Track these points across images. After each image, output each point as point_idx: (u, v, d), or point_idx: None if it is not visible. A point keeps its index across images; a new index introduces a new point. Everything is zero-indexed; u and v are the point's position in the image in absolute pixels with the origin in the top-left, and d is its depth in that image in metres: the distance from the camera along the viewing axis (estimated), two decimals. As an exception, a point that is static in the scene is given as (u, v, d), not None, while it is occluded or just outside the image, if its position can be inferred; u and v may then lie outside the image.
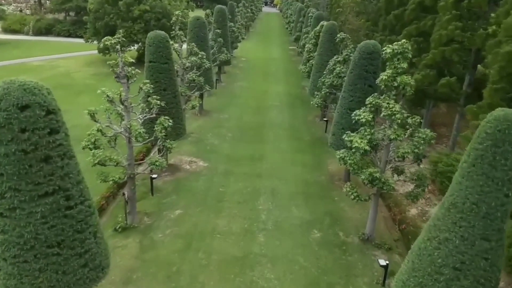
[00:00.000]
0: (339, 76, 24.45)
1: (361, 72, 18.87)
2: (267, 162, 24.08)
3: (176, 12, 24.90)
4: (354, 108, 19.16)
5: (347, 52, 24.49)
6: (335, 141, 20.43)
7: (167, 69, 19.48)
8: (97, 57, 48.23)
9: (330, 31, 29.72)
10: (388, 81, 14.02)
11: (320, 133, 29.87)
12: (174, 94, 20.09)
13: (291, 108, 35.46)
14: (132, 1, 42.06)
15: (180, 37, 25.18)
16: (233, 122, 30.90)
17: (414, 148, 13.92)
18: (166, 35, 19.25)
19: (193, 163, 23.49)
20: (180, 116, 20.78)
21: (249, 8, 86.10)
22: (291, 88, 42.83)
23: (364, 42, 18.84)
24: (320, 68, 30.43)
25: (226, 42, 40.52)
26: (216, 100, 36.37)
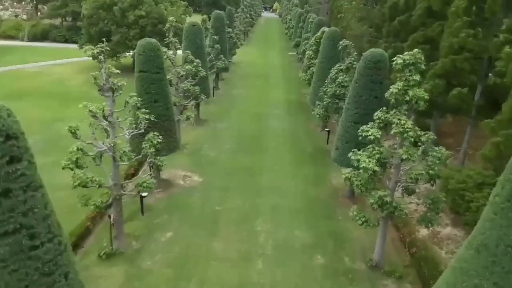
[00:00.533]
0: (342, 86, 23.17)
1: (366, 82, 17.58)
2: (267, 176, 22.71)
3: (170, 18, 23.65)
4: (359, 121, 17.92)
5: (350, 60, 23.23)
6: (339, 156, 19.10)
7: (159, 79, 18.17)
8: (92, 63, 46.90)
9: (332, 38, 28.51)
10: (399, 94, 12.70)
11: (322, 143, 28.54)
12: (167, 106, 18.77)
13: (291, 117, 34.16)
14: (127, 6, 40.88)
15: (174, 44, 23.92)
16: (231, 132, 29.57)
17: (429, 169, 12.58)
18: (157, 43, 17.97)
19: (188, 178, 22.11)
20: (173, 129, 19.45)
21: (248, 13, 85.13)
22: (291, 95, 41.56)
23: (370, 51, 17.56)
24: (321, 76, 29.18)
25: (224, 48, 39.32)
26: (213, 109, 35.06)
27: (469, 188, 17.82)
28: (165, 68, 23.47)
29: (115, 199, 14.57)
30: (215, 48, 35.40)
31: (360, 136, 14.06)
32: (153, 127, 18.12)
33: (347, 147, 18.55)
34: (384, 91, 18.25)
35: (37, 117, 30.19)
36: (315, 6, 69.41)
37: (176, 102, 23.65)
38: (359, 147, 18.16)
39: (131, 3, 41.03)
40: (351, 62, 23.23)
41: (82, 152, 12.95)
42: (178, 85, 24.34)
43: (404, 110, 12.94)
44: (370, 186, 13.45)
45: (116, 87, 13.84)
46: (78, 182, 12.82)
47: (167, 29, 23.63)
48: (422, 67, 12.69)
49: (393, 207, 12.71)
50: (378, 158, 13.06)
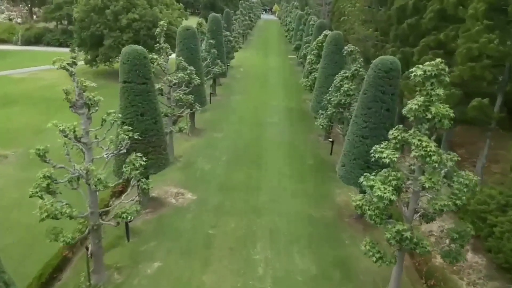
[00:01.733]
0: (348, 94, 21.37)
1: (376, 93, 15.76)
2: (265, 193, 20.86)
3: (161, 22, 21.87)
4: (368, 136, 16.15)
5: (356, 67, 21.43)
6: (345, 173, 17.26)
7: (146, 90, 16.35)
8: (84, 68, 45.22)
9: (335, 42, 26.72)
10: (419, 111, 10.88)
11: (325, 155, 26.71)
12: (155, 120, 16.93)
13: (292, 125, 32.33)
14: (120, 9, 39.15)
15: (166, 50, 22.13)
16: (228, 142, 27.74)
17: (456, 199, 10.75)
18: (144, 50, 16.16)
19: (180, 196, 20.26)
20: (162, 144, 17.61)
21: (247, 15, 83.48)
22: (291, 101, 39.77)
23: (380, 58, 15.76)
24: (324, 83, 27.38)
25: (221, 53, 37.54)
26: (209, 116, 33.26)
27: (491, 210, 16.02)
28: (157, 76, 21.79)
29: (93, 229, 12.73)
30: (212, 53, 33.61)
31: (373, 158, 12.21)
32: (140, 143, 16.38)
33: (355, 164, 16.77)
34: (396, 103, 16.54)
35: (24, 126, 28.45)
36: (316, 8, 67.71)
37: (168, 112, 21.85)
38: (368, 165, 16.52)
39: (124, 6, 39.31)
40: (357, 69, 21.44)
41: (51, 180, 11.12)
42: (170, 94, 22.54)
43: (425, 130, 11.11)
44: (386, 216, 11.62)
45: (92, 102, 12.01)
46: (46, 214, 10.98)
47: (158, 34, 21.84)
48: (447, 79, 10.87)
49: (413, 243, 10.87)
50: (395, 185, 11.22)
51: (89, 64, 43.16)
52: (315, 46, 32.58)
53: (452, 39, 19.52)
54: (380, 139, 16.08)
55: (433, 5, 21.05)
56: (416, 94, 11.29)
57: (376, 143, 16.05)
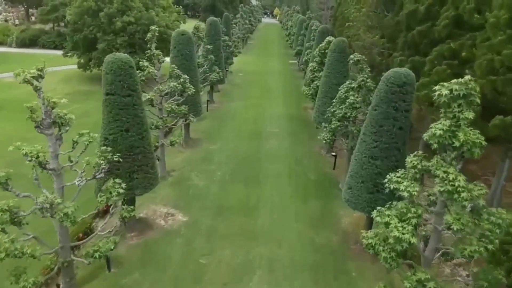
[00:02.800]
0: (353, 107, 19.71)
1: (388, 110, 14.10)
2: (264, 215, 19.13)
3: (152, 27, 20.25)
4: (379, 157, 14.47)
5: (363, 77, 19.79)
6: (352, 197, 15.56)
7: (131, 103, 14.67)
8: (77, 72, 43.68)
9: (340, 49, 25.10)
10: (445, 138, 9.21)
11: (328, 169, 25.03)
12: (141, 135, 15.25)
13: (293, 135, 30.64)
14: (115, 12, 37.55)
15: (158, 58, 20.50)
16: (224, 155, 26.03)
17: (487, 242, 9.06)
18: (129, 59, 14.50)
19: (170, 217, 18.56)
20: (150, 162, 15.91)
21: (247, 19, 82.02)
22: (292, 109, 38.10)
23: (393, 71, 14.10)
24: (327, 92, 25.75)
25: (219, 58, 35.92)
26: (206, 126, 31.59)
27: (515, 241, 14.31)
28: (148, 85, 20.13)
29: (63, 266, 11.01)
30: (209, 58, 31.98)
31: (388, 188, 10.51)
32: (124, 162, 14.71)
33: (363, 188, 15.08)
34: (410, 120, 14.87)
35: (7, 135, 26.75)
36: (317, 13, 66.17)
37: (159, 124, 20.19)
38: (377, 189, 14.84)
39: (118, 9, 37.71)
40: (364, 80, 19.79)
41: (11, 214, 9.42)
42: (162, 104, 20.88)
43: (452, 159, 9.44)
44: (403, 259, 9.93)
45: (63, 121, 10.33)
46: (4, 254, 9.27)
47: (149, 39, 20.22)
48: (477, 100, 9.20)
49: (437, 295, 9.17)
50: (414, 224, 9.53)
51: (82, 68, 41.53)
52: (318, 53, 30.97)
53: (468, 48, 17.87)
54: (391, 161, 14.55)
55: (447, 11, 19.41)
56: (440, 116, 9.62)
57: (388, 165, 14.53)
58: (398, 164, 14.55)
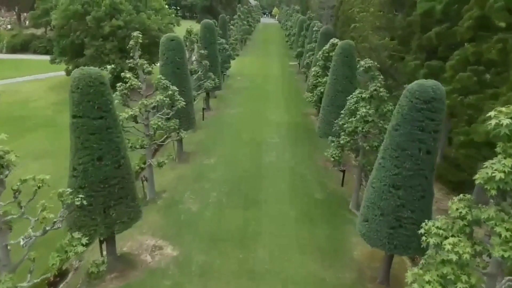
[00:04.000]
0: (366, 121, 17.30)
1: (413, 131, 11.69)
2: (265, 246, 16.71)
3: (134, 33, 17.88)
4: (401, 186, 12.08)
5: (375, 86, 17.38)
6: (369, 232, 13.15)
7: (104, 126, 12.29)
8: (66, 80, 41.28)
9: (346, 53, 22.70)
10: (507, 182, 6.82)
11: (335, 185, 22.66)
12: (118, 164, 12.86)
13: (295, 146, 28.24)
14: (103, 15, 35.19)
15: (142, 67, 18.13)
16: (221, 172, 23.61)
17: None
18: (100, 74, 12.10)
19: (157, 251, 16.17)
20: (129, 194, 13.52)
21: (245, 20, 79.61)
22: (293, 115, 35.69)
23: (418, 84, 11.68)
24: (333, 100, 23.37)
25: (215, 63, 33.53)
26: (201, 137, 29.21)
27: None
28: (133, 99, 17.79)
29: None
30: (203, 64, 29.58)
31: (423, 244, 8.11)
32: (98, 195, 12.36)
33: (382, 222, 12.67)
34: (439, 141, 12.46)
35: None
36: (318, 12, 63.75)
37: (144, 144, 17.81)
38: (401, 224, 12.44)
39: (107, 12, 35.36)
40: (376, 89, 17.38)
41: None
42: (148, 119, 18.50)
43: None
44: None
45: (2, 163, 7.94)
46: None
47: (131, 47, 17.85)
48: (551, 132, 6.79)
49: None
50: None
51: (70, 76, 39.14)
52: (321, 56, 28.61)
53: (499, 53, 15.46)
54: (416, 190, 12.13)
55: (471, 11, 16.99)
56: (498, 153, 7.22)
57: (412, 195, 12.12)
58: (424, 195, 12.18)
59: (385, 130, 17.75)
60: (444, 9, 19.21)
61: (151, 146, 19.27)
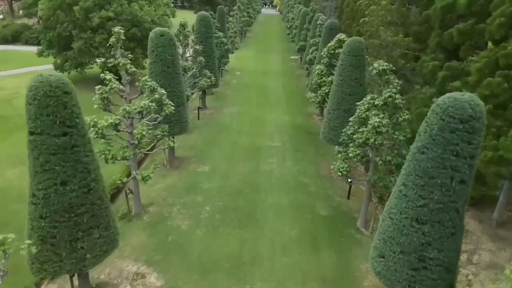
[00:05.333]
0: (378, 132, 15.14)
1: (445, 155, 9.54)
2: (263, 277, 14.62)
3: (115, 28, 15.62)
4: (428, 221, 10.02)
5: (390, 93, 15.20)
6: (386, 270, 11.08)
7: (68, 145, 10.15)
8: (54, 75, 38.98)
9: (355, 52, 20.42)
10: None
11: (340, 198, 20.64)
12: (87, 188, 10.76)
13: (297, 152, 26.09)
14: (91, 6, 32.76)
15: (125, 67, 15.91)
16: (215, 181, 21.51)
17: None
18: (63, 81, 9.92)
19: (140, 280, 14.16)
20: (102, 222, 11.43)
21: (245, 11, 76.81)
22: (295, 115, 33.48)
23: (451, 98, 9.48)
24: (339, 104, 21.15)
25: (212, 59, 31.23)
26: (195, 139, 27.08)
27: None
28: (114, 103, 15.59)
29: None
30: (198, 61, 27.29)
31: None
32: (62, 227, 10.30)
33: (402, 260, 10.62)
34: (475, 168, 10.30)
35: None
36: (321, 4, 60.93)
37: (126, 156, 15.69)
38: (425, 265, 10.36)
39: (96, 3, 32.94)
40: (391, 96, 15.20)
41: None
42: (132, 126, 16.36)
43: None
44: None
45: None
46: None
47: (112, 44, 15.62)
48: None
49: None
50: None
51: (59, 70, 36.83)
52: (326, 53, 26.32)
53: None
54: (446, 227, 10.06)
55: (502, 6, 14.73)
56: None
57: (441, 232, 10.04)
58: (455, 231, 10.11)
59: (401, 141, 15.69)
60: (468, 4, 16.92)
61: (137, 156, 17.16)
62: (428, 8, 20.27)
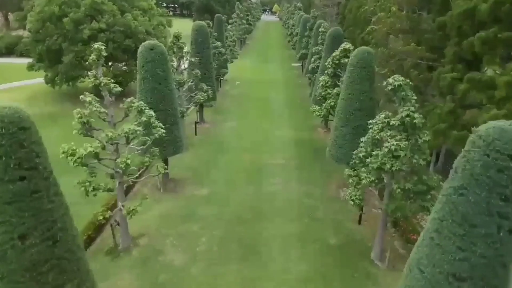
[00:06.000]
0: (396, 156, 13.29)
1: (491, 199, 7.67)
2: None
3: (96, 44, 13.87)
4: (467, 278, 8.13)
5: (408, 111, 13.36)
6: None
7: (26, 192, 8.34)
8: (45, 88, 37.39)
9: (364, 63, 18.65)
10: None
11: (351, 223, 18.74)
12: (53, 239, 8.90)
13: (302, 170, 24.22)
14: (82, 17, 31.20)
15: (109, 88, 14.15)
16: (213, 207, 19.65)
17: None
18: (19, 114, 8.12)
19: (125, 333, 12.26)
20: (76, 278, 9.55)
21: (244, 19, 75.43)
22: (299, 129, 31.68)
23: (497, 128, 7.64)
24: (348, 120, 19.36)
25: (209, 71, 29.54)
26: (192, 158, 25.28)
27: None
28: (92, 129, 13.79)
29: None
30: (194, 74, 25.57)
31: None
32: None
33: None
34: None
35: None
36: (322, 10, 59.52)
37: (109, 187, 13.87)
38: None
39: (87, 14, 31.37)
40: (409, 115, 13.37)
41: None
42: (117, 153, 14.55)
43: None
44: None
45: None
46: None
47: (92, 62, 13.88)
48: None
49: None
50: None
51: (50, 84, 35.20)
52: (331, 63, 24.56)
53: None
54: (490, 285, 8.14)
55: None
56: None
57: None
58: (502, 290, 8.22)
59: (420, 166, 13.84)
60: (491, 10, 15.14)
61: (123, 185, 15.35)
62: (442, 14, 18.51)
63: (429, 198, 13.95)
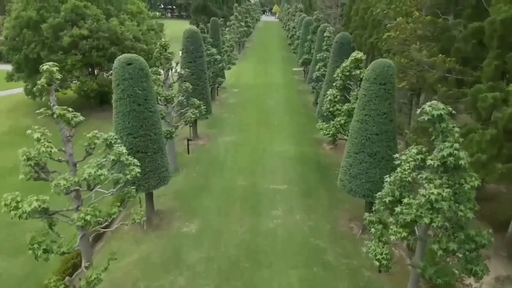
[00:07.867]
0: (435, 208, 10.17)
1: None
2: None
3: (45, 66, 10.85)
4: None
5: (451, 149, 10.24)
6: None
7: None
8: (26, 100, 34.33)
9: (383, 79, 15.56)
10: None
11: (367, 270, 15.62)
12: None
13: (307, 197, 21.12)
14: (62, 23, 28.14)
15: (67, 119, 11.07)
16: (203, 250, 16.56)
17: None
18: None
19: None
20: None
21: (242, 21, 72.35)
22: (302, 144, 28.57)
23: None
24: (363, 145, 16.29)
25: (202, 82, 26.42)
26: (183, 182, 22.28)
27: None
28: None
29: None
30: (185, 88, 22.50)
31: None
32: None
33: None
34: None
35: None
36: (325, 12, 56.34)
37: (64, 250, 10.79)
38: None
39: (67, 19, 28.30)
40: (453, 154, 10.26)
41: None
42: (79, 199, 11.45)
43: None
44: None
45: None
46: None
47: (40, 87, 10.85)
48: None
49: None
50: None
51: (30, 96, 32.16)
52: (340, 75, 21.47)
53: None
54: None
55: None
56: None
57: None
58: None
59: (467, 220, 10.74)
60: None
61: (88, 237, 12.26)
62: (474, 20, 15.42)
63: (477, 257, 10.89)
